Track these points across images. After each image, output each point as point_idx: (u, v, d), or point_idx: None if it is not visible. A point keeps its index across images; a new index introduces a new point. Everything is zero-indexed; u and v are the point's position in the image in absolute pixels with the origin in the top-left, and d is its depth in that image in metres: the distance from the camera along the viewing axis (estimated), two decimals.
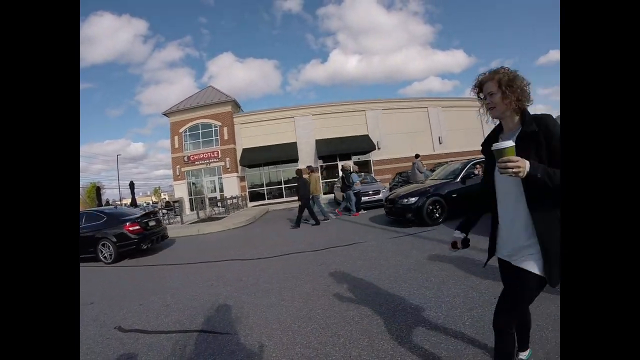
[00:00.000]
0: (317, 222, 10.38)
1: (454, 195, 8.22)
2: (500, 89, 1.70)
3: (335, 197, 17.61)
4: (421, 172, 12.84)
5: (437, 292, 3.66)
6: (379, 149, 24.50)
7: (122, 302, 4.60)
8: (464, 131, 26.85)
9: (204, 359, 2.79)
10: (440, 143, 25.91)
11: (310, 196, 10.92)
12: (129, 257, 8.24)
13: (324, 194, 23.80)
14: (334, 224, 10.29)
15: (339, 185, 16.11)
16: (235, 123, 24.78)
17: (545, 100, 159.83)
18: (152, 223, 9.02)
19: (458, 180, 8.47)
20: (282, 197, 24.25)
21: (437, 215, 8.03)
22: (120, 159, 47.39)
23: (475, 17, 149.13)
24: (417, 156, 13.78)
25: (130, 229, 8.24)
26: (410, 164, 14.26)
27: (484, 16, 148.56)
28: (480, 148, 2.04)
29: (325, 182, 24.36)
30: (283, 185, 24.74)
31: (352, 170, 12.07)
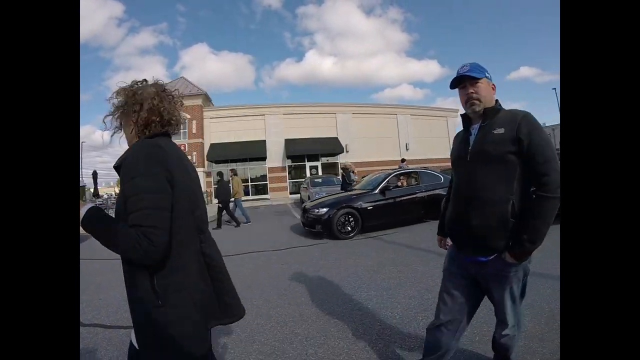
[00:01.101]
0: (238, 224, 10.73)
1: (369, 208, 7.78)
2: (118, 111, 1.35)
3: (301, 197, 17.67)
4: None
5: (394, 292, 3.86)
6: (347, 152, 24.82)
7: (81, 296, 4.51)
8: (430, 139, 27.85)
9: None
10: (407, 150, 26.67)
11: (232, 199, 11.12)
12: None
13: (291, 193, 23.86)
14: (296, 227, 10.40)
15: (305, 186, 16.26)
16: (205, 117, 24.35)
17: None
18: None
19: (376, 191, 8.10)
20: (249, 194, 24.04)
21: (349, 228, 7.49)
22: (84, 146, 45.34)
23: (452, 30, 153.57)
24: (403, 160, 14.33)
25: None
26: (375, 168, 14.62)
27: (461, 30, 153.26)
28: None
29: (293, 182, 24.40)
30: (250, 183, 24.51)
31: (351, 169, 12.25)
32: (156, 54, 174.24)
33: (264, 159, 23.80)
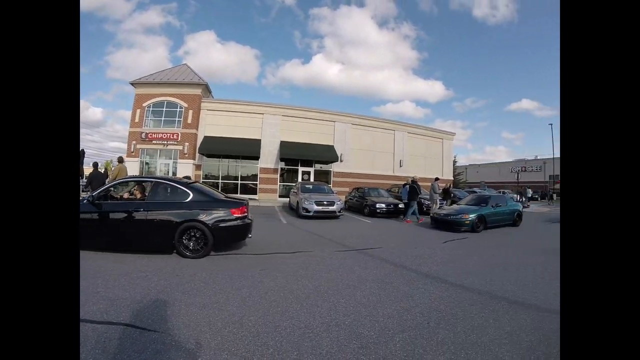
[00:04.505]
0: None
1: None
2: None
3: (290, 201, 17.51)
4: (436, 193, 14.81)
5: (373, 310, 3.77)
6: (341, 161, 24.77)
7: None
8: (424, 158, 28.13)
9: (128, 356, 2.67)
10: (400, 166, 26.79)
11: None
12: None
13: (280, 196, 23.66)
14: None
15: (295, 191, 16.09)
16: (202, 108, 23.92)
17: (508, 144, 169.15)
18: None
19: (85, 201, 6.25)
20: (237, 192, 23.71)
21: None
22: None
23: (462, 54, 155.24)
24: (436, 179, 15.63)
25: None
26: (360, 181, 14.57)
27: (470, 55, 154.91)
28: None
29: (284, 185, 24.19)
30: (239, 181, 24.21)
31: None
32: (161, 34, 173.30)
33: (257, 157, 23.50)
